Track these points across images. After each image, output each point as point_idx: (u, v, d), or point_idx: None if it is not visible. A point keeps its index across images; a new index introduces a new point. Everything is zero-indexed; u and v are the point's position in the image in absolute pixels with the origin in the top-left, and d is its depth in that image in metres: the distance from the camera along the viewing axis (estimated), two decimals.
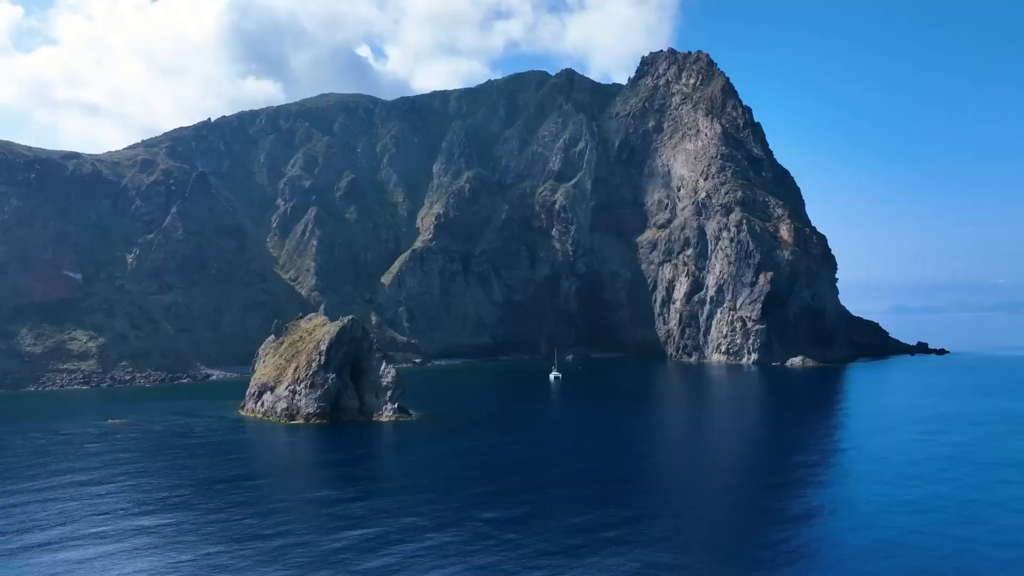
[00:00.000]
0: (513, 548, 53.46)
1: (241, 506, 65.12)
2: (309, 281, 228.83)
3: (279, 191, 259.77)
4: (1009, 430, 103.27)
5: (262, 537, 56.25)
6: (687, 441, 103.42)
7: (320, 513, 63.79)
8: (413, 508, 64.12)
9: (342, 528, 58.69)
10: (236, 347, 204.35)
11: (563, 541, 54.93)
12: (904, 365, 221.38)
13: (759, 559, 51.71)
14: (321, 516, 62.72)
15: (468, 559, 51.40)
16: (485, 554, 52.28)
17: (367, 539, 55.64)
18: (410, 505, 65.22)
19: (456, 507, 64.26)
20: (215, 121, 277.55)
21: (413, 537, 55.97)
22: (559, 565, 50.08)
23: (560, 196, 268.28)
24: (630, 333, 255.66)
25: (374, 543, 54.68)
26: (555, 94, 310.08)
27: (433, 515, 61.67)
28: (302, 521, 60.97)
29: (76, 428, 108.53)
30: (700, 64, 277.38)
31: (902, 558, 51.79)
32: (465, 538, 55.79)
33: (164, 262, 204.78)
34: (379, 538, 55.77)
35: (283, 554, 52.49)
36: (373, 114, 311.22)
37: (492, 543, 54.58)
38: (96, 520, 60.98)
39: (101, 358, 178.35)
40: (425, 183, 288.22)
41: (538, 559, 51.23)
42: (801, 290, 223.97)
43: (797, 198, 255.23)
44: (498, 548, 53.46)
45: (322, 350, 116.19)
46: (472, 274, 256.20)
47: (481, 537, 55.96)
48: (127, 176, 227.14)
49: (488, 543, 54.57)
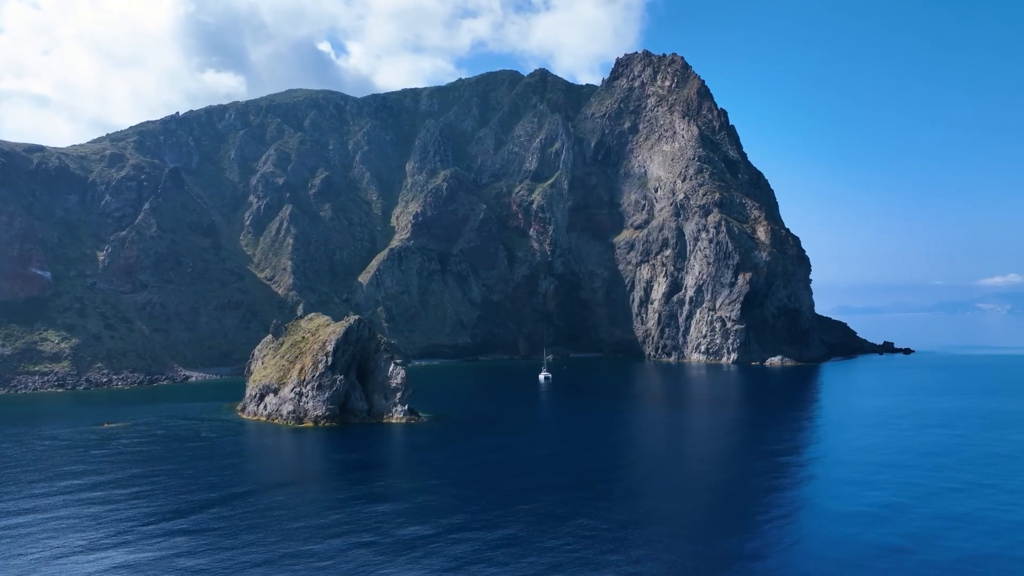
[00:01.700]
0: (582, 539, 52.70)
1: (303, 516, 62.77)
2: (286, 280, 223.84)
3: (251, 188, 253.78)
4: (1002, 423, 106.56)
5: (339, 538, 54.25)
6: (710, 439, 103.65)
7: (405, 520, 61.82)
8: (482, 506, 62.80)
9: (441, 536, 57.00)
10: (213, 347, 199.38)
11: (626, 530, 54.40)
12: (878, 364, 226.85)
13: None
14: (406, 523, 60.79)
15: (552, 551, 50.43)
16: (572, 544, 51.41)
17: (456, 541, 54.15)
18: (476, 503, 63.92)
19: (515, 501, 63.21)
20: (183, 115, 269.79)
21: (490, 531, 54.68)
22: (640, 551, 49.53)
23: (537, 196, 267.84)
24: (608, 333, 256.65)
25: (458, 542, 53.23)
26: (529, 94, 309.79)
27: (503, 512, 60.45)
28: (376, 533, 58.98)
29: (73, 433, 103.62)
30: (675, 67, 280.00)
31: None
32: (535, 529, 54.77)
33: (138, 260, 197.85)
34: (463, 534, 54.34)
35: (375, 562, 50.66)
36: (344, 111, 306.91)
37: (563, 533, 53.69)
38: (148, 532, 58.04)
39: (75, 359, 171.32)
40: (398, 181, 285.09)
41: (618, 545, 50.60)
42: (778, 290, 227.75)
43: (771, 200, 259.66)
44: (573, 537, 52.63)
45: (328, 351, 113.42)
46: (450, 273, 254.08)
47: (550, 527, 55.03)
48: (95, 171, 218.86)
49: (558, 532, 53.66)
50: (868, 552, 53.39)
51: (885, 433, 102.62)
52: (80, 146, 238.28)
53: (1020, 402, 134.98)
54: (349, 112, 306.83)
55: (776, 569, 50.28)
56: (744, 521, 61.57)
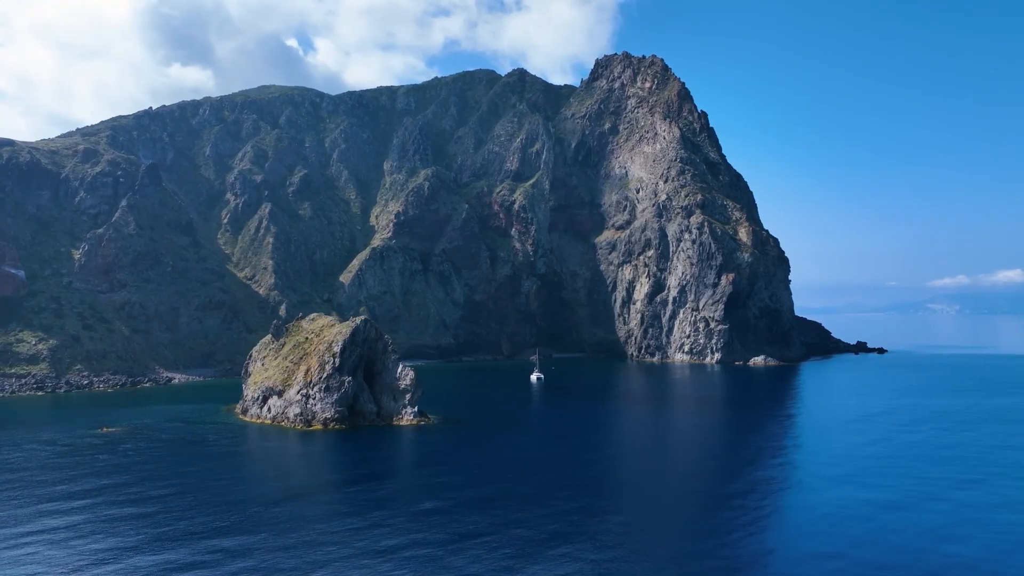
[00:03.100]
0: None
1: (357, 527, 61.01)
2: (267, 280, 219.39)
3: (228, 185, 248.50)
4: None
5: (393, 549, 52.77)
6: (719, 437, 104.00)
7: (455, 522, 60.39)
8: (536, 503, 61.79)
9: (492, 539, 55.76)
10: (195, 349, 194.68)
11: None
12: (857, 363, 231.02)
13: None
14: (457, 525, 59.38)
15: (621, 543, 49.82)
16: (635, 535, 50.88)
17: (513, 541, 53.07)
18: (524, 500, 62.86)
19: (567, 501, 62.43)
20: (156, 110, 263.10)
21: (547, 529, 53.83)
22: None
23: (519, 196, 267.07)
24: (590, 333, 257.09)
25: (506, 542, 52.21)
26: (508, 93, 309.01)
27: (553, 513, 59.63)
28: (431, 536, 57.54)
29: (72, 438, 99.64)
30: (655, 68, 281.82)
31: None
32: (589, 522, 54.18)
33: (116, 258, 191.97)
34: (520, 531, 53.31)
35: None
36: (320, 108, 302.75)
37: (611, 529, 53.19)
38: (195, 541, 55.78)
39: (53, 361, 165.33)
40: (376, 180, 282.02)
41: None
42: (760, 291, 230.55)
43: (750, 201, 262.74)
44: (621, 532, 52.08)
45: (335, 352, 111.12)
46: (432, 273, 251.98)
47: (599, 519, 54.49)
48: (68, 166, 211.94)
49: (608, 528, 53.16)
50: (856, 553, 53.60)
51: (898, 433, 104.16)
52: (50, 140, 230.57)
53: (1005, 400, 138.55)
54: (325, 109, 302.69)
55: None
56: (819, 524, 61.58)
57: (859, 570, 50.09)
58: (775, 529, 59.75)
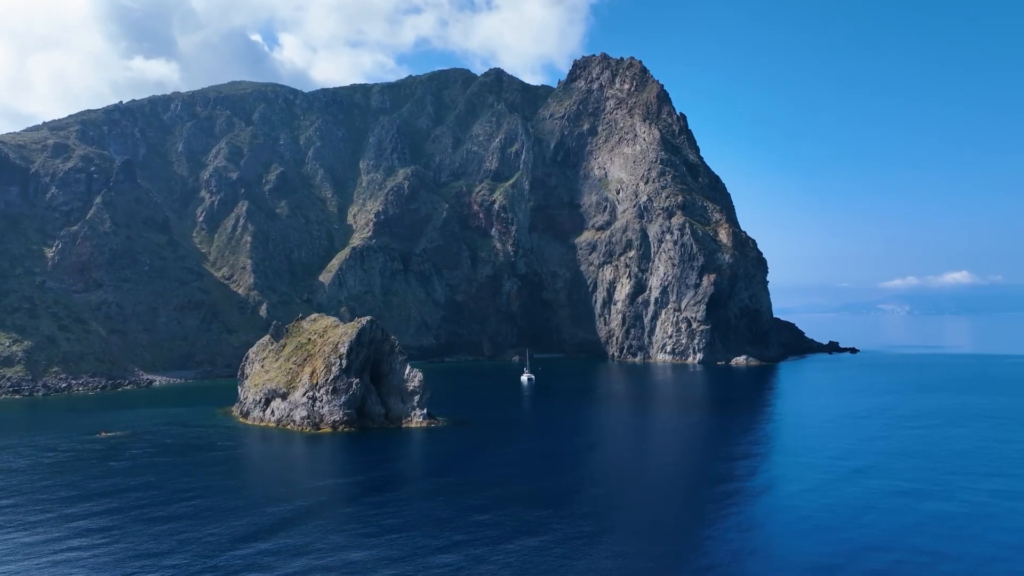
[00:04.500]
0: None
1: (419, 524, 59.38)
2: (247, 280, 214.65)
3: (202, 182, 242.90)
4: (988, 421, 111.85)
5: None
6: (745, 437, 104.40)
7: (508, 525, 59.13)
8: (576, 501, 61.00)
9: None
10: (174, 350, 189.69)
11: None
12: (834, 363, 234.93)
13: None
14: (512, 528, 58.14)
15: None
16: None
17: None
18: (559, 499, 61.99)
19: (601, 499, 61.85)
20: (126, 104, 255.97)
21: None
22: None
23: (499, 196, 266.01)
24: (570, 333, 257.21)
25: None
26: (485, 93, 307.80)
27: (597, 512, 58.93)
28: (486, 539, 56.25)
29: (72, 444, 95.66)
30: (633, 70, 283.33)
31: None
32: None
33: (91, 257, 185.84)
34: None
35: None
36: (294, 104, 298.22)
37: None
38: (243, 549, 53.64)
39: (29, 363, 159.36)
40: (352, 178, 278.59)
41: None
42: (740, 292, 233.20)
43: (729, 203, 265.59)
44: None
45: (342, 353, 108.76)
46: (412, 273, 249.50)
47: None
48: (38, 161, 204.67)
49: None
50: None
51: (892, 430, 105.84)
52: (16, 134, 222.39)
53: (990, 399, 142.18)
54: (299, 106, 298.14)
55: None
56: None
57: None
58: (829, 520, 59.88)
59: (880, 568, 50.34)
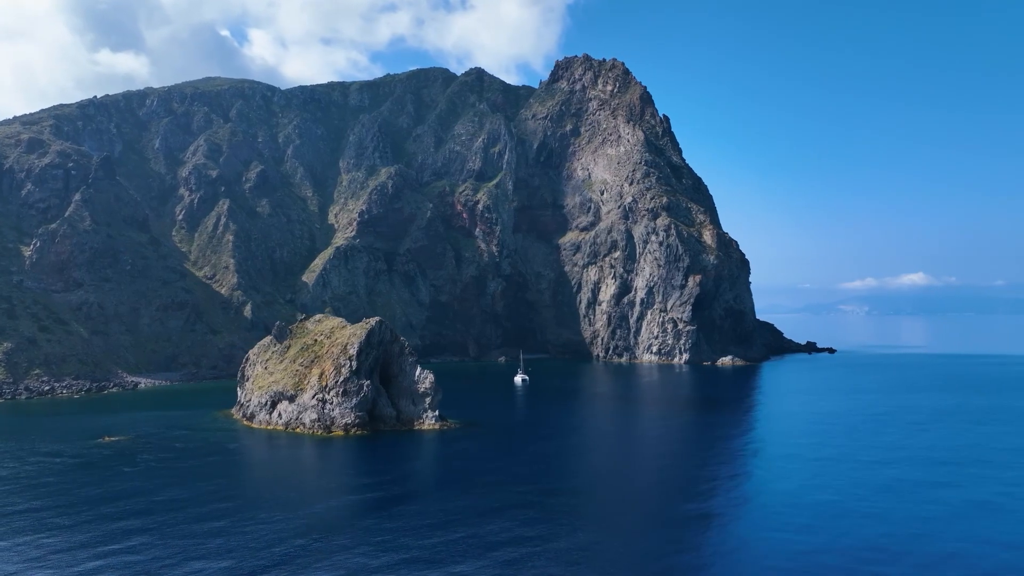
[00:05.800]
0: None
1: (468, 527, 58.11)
2: (230, 280, 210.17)
3: (181, 180, 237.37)
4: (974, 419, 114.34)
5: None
6: (731, 438, 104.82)
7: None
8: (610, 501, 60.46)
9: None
10: (158, 351, 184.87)
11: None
12: (815, 363, 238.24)
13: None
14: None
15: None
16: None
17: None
18: (594, 498, 61.46)
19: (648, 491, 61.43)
20: (101, 99, 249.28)
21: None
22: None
23: (483, 196, 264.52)
24: (555, 334, 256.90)
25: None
26: (466, 92, 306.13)
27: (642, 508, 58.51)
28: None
29: (78, 449, 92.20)
30: (616, 71, 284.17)
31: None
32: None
33: (71, 256, 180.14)
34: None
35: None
36: (271, 102, 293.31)
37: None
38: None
39: (9, 366, 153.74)
40: (332, 177, 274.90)
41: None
42: (724, 292, 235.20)
43: (711, 205, 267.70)
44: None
45: (351, 354, 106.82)
46: (397, 273, 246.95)
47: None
48: (12, 156, 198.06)
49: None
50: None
51: (885, 427, 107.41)
52: None
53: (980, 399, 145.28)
54: (277, 104, 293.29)
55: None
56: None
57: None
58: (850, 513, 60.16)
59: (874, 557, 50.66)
